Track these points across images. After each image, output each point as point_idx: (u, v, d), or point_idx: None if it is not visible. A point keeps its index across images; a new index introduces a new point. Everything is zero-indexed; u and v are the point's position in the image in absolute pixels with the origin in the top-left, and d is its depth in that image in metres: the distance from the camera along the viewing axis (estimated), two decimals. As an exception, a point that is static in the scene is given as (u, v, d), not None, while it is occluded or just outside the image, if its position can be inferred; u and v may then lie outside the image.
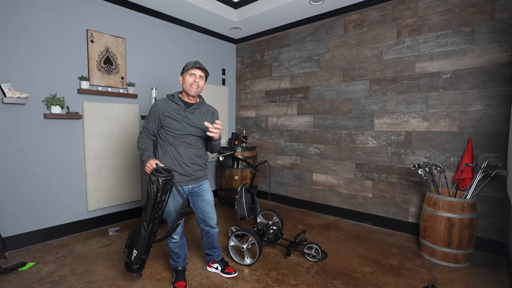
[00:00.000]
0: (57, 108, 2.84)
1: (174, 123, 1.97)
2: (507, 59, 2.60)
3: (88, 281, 2.20)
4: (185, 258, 2.20)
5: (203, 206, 2.15)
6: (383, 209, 3.41)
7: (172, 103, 2.01)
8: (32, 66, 2.75)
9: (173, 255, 2.15)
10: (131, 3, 3.42)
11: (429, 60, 3.01)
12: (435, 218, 2.53)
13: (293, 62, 4.20)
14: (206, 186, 2.17)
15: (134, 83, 3.49)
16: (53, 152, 2.93)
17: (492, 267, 2.48)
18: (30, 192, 2.80)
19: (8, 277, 2.24)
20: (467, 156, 2.73)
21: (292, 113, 4.24)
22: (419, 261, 2.57)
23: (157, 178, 1.74)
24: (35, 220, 2.84)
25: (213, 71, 4.61)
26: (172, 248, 2.12)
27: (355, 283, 2.21)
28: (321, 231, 3.30)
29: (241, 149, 4.19)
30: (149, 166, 1.82)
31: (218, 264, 2.34)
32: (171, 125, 1.97)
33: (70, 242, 2.91)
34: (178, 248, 2.13)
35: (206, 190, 2.16)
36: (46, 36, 2.83)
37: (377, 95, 3.38)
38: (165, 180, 1.76)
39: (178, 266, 2.17)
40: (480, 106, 2.74)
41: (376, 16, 3.36)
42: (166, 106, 1.98)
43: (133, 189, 3.57)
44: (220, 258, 2.36)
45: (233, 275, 2.28)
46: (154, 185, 1.76)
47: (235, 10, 4.02)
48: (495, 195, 2.70)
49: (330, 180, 3.87)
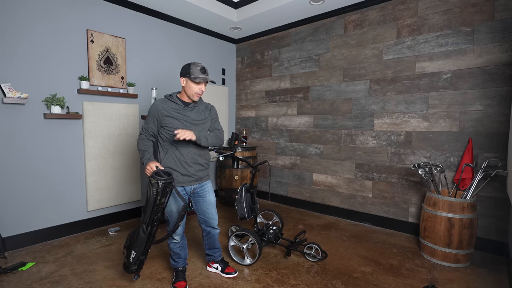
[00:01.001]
0: (57, 108, 2.84)
1: (174, 121, 1.95)
2: (507, 59, 2.60)
3: (88, 281, 2.20)
4: (185, 259, 2.20)
5: (205, 207, 2.14)
6: (383, 209, 3.41)
7: (170, 102, 2.00)
8: (32, 66, 2.75)
9: (174, 255, 2.15)
10: (131, 3, 3.42)
11: (429, 60, 3.01)
12: (435, 218, 2.53)
13: (293, 62, 4.20)
14: (208, 187, 2.16)
15: (134, 83, 3.49)
16: (53, 152, 2.93)
17: (492, 267, 2.48)
18: (30, 192, 2.80)
19: (8, 277, 2.24)
20: (467, 156, 2.73)
21: (292, 113, 4.24)
22: (419, 261, 2.57)
23: (157, 181, 1.74)
24: (35, 220, 2.84)
25: (213, 71, 4.61)
26: (173, 248, 2.12)
27: (355, 283, 2.21)
28: (321, 231, 3.30)
29: (241, 149, 4.20)
30: (149, 169, 1.82)
31: (218, 264, 2.34)
32: (171, 124, 1.94)
33: (70, 242, 2.91)
34: (179, 248, 2.13)
35: (208, 191, 2.15)
36: (46, 36, 2.83)
37: (377, 95, 3.38)
38: (165, 183, 1.75)
39: (179, 266, 2.17)
40: (480, 106, 2.74)
41: (376, 16, 3.36)
42: (165, 106, 1.96)
43: (133, 189, 3.57)
44: (220, 258, 2.36)
45: (233, 275, 2.28)
46: (153, 188, 1.75)
47: (235, 10, 4.02)
48: (495, 195, 2.70)
49: (330, 180, 3.87)
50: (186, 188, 2.05)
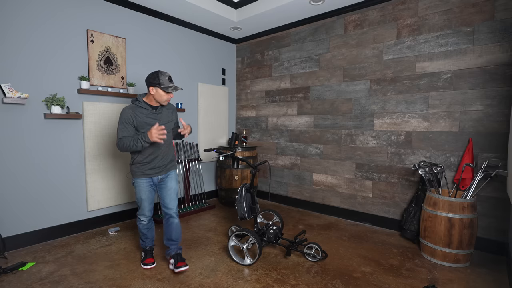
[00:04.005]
0: (57, 108, 2.84)
1: (149, 127, 2.17)
2: (507, 59, 2.60)
3: (88, 281, 2.20)
4: (152, 239, 2.50)
5: (165, 193, 2.38)
6: (383, 209, 3.41)
7: (141, 108, 2.21)
8: (32, 66, 2.75)
9: (142, 236, 2.45)
10: (131, 3, 3.42)
11: (429, 60, 3.01)
12: (435, 218, 2.53)
13: (293, 62, 4.20)
14: (173, 175, 2.43)
15: (134, 83, 3.49)
16: (53, 152, 2.93)
17: (492, 267, 2.48)
18: (30, 192, 2.80)
19: (8, 277, 2.24)
20: (467, 156, 2.73)
21: (292, 113, 4.24)
22: (419, 261, 2.57)
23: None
24: (35, 220, 2.84)
25: (213, 71, 4.61)
26: (142, 229, 2.42)
27: (355, 283, 2.21)
28: (321, 231, 3.30)
29: (241, 149, 4.19)
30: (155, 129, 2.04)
31: (173, 259, 2.33)
32: (147, 129, 2.16)
33: (70, 242, 2.91)
34: (147, 230, 2.43)
35: (172, 178, 2.41)
36: (47, 36, 2.83)
37: (377, 95, 3.38)
38: None
39: (147, 246, 2.48)
40: (480, 106, 2.74)
41: (376, 16, 3.36)
42: (137, 112, 2.18)
43: (133, 189, 3.57)
44: (175, 253, 2.35)
45: (184, 268, 2.24)
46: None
47: (235, 10, 4.02)
48: (495, 195, 2.70)
49: (330, 180, 3.87)
50: (154, 179, 2.33)
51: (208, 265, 2.47)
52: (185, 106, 4.16)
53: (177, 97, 4.06)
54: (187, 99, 4.21)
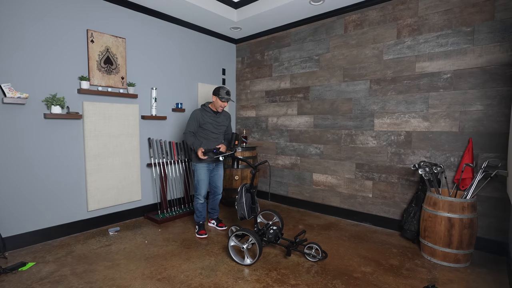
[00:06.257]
0: (57, 108, 2.84)
1: (209, 125, 3.03)
2: (507, 59, 2.60)
3: (88, 281, 2.20)
4: (204, 216, 3.19)
5: (216, 177, 3.21)
6: (383, 209, 3.41)
7: (206, 112, 3.04)
8: (32, 66, 2.75)
9: (197, 212, 3.15)
10: (131, 3, 3.42)
11: (429, 60, 3.01)
12: (435, 218, 2.53)
13: (293, 62, 4.20)
14: (221, 164, 3.24)
15: (134, 83, 3.49)
16: (53, 152, 2.93)
17: (492, 267, 2.48)
18: (30, 192, 2.80)
19: (8, 277, 2.24)
20: (467, 156, 2.73)
21: (292, 113, 4.24)
22: (419, 261, 2.57)
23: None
24: (35, 220, 2.84)
25: (213, 71, 4.61)
26: (198, 207, 3.13)
27: (355, 283, 2.21)
28: (321, 231, 3.30)
29: (241, 149, 4.19)
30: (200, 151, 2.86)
31: (215, 221, 3.39)
32: (207, 126, 3.02)
33: (70, 242, 2.91)
34: (201, 207, 3.13)
35: (221, 167, 3.24)
36: (46, 36, 2.83)
37: (377, 95, 3.38)
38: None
39: (200, 221, 3.17)
40: (480, 106, 2.74)
41: (376, 16, 3.36)
42: (203, 114, 3.02)
43: (133, 189, 3.57)
44: (216, 217, 3.39)
45: (224, 228, 3.32)
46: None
47: (235, 10, 4.02)
48: (495, 195, 2.70)
49: (330, 180, 3.87)
50: (210, 165, 3.09)
51: (208, 265, 2.47)
52: (185, 106, 4.16)
53: (177, 97, 4.06)
54: (187, 99, 4.21)
